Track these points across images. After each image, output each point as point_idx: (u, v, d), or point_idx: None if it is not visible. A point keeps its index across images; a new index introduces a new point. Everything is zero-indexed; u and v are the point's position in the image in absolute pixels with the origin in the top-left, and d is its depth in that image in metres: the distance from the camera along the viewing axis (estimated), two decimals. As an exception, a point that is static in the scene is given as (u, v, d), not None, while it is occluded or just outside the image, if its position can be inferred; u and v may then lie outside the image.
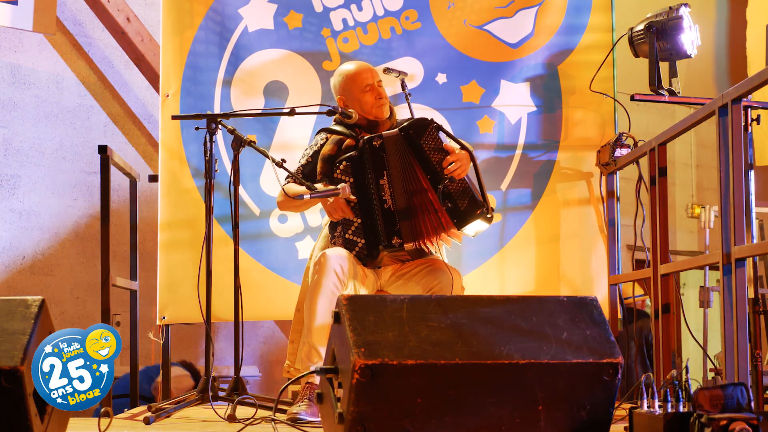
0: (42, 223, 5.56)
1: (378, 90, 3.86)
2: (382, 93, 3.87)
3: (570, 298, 2.78)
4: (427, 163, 3.67)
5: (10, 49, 5.53)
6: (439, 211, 3.65)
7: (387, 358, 2.50)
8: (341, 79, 3.91)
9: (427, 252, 3.73)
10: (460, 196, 3.68)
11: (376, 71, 3.94)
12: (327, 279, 3.53)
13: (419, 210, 3.66)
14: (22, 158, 5.50)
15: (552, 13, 4.93)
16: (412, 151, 3.67)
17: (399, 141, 3.68)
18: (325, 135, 3.90)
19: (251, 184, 4.79)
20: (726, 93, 3.52)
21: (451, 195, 3.66)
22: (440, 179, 3.64)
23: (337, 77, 3.94)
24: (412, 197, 3.66)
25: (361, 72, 3.88)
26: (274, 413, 3.21)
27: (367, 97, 3.85)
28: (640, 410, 2.74)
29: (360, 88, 3.85)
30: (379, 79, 3.90)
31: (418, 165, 3.66)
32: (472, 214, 3.67)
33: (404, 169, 3.67)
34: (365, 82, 3.85)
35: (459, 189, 3.68)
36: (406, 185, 3.67)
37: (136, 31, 5.70)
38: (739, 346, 3.41)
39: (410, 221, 3.64)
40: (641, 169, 4.58)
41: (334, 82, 3.94)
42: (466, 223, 3.68)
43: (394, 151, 3.67)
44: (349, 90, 3.88)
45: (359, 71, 3.89)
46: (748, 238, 3.75)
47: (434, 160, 3.67)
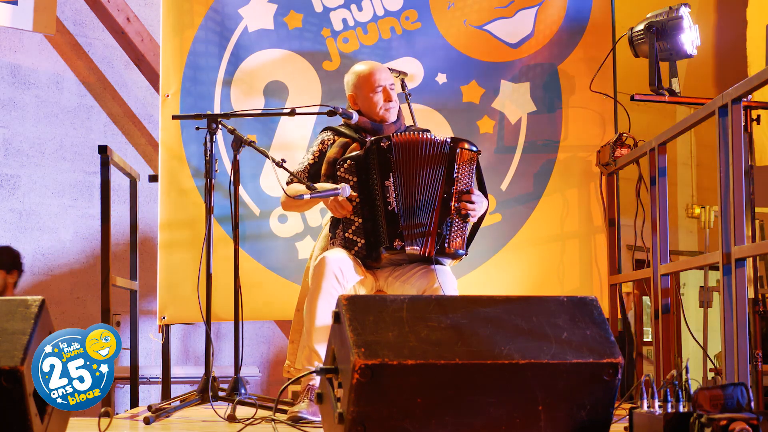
0: (42, 223, 5.56)
1: (389, 92, 3.86)
2: (392, 96, 3.87)
3: (570, 298, 2.78)
4: (451, 185, 3.65)
5: (10, 49, 5.53)
6: (432, 234, 3.63)
7: (387, 358, 2.50)
8: (355, 77, 3.91)
9: (427, 257, 3.69)
10: (457, 233, 3.67)
11: (390, 75, 3.94)
12: (326, 282, 3.52)
13: (423, 219, 3.63)
14: (22, 158, 5.50)
15: (552, 13, 4.93)
16: (446, 165, 3.66)
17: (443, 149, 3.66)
18: (332, 135, 3.89)
19: (251, 184, 4.79)
20: (726, 93, 3.52)
21: (451, 226, 3.66)
22: (450, 205, 3.64)
23: (351, 75, 3.93)
24: (421, 205, 3.63)
25: (374, 72, 3.88)
26: (274, 413, 3.21)
27: (378, 98, 3.85)
28: (640, 410, 2.74)
29: (372, 88, 3.85)
30: (392, 83, 3.90)
31: (444, 180, 3.65)
32: (455, 256, 3.69)
33: (426, 176, 3.64)
34: (378, 83, 3.85)
35: (459, 226, 3.67)
36: (419, 192, 3.63)
37: (136, 31, 5.70)
38: (739, 346, 3.41)
39: (414, 226, 3.61)
40: (641, 169, 4.58)
41: (348, 80, 3.94)
42: (446, 257, 3.68)
43: (413, 156, 3.65)
44: (361, 88, 3.87)
45: (373, 71, 3.89)
46: (748, 238, 3.75)
47: (457, 188, 3.66)
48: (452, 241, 3.64)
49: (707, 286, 6.80)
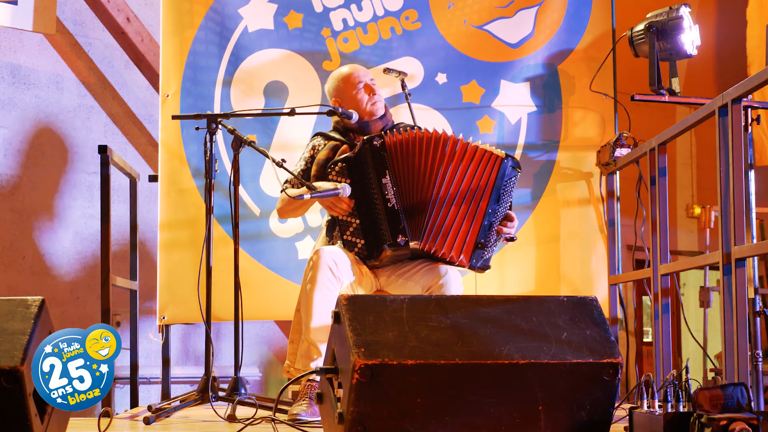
0: (42, 223, 5.56)
1: (371, 87, 3.88)
2: (375, 90, 3.88)
3: (570, 298, 2.78)
4: (495, 202, 3.63)
5: (10, 49, 5.53)
6: (467, 241, 3.62)
7: (387, 358, 2.50)
8: (335, 83, 3.93)
9: (432, 253, 3.67)
10: (491, 244, 3.67)
11: (368, 71, 3.96)
12: (321, 274, 3.52)
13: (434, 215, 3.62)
14: (22, 158, 5.50)
15: (552, 13, 4.94)
16: (493, 184, 3.66)
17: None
18: (322, 140, 3.90)
19: (251, 184, 4.79)
20: (726, 93, 3.52)
21: (489, 239, 3.66)
22: (492, 221, 3.65)
23: (330, 81, 3.96)
24: (432, 201, 3.62)
25: (353, 71, 3.92)
26: (274, 413, 3.21)
27: (362, 95, 3.86)
28: (640, 410, 2.74)
29: (353, 87, 3.87)
30: (372, 78, 3.92)
31: (489, 195, 3.63)
32: (484, 267, 3.68)
33: (449, 176, 3.62)
34: (358, 79, 3.87)
35: (494, 243, 3.69)
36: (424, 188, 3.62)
37: (136, 31, 5.70)
38: (739, 346, 3.41)
39: (417, 220, 3.59)
40: (641, 169, 4.58)
41: (329, 87, 3.95)
42: (475, 267, 3.67)
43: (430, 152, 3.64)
44: (343, 90, 3.89)
45: (351, 70, 3.93)
46: (748, 238, 3.75)
47: (501, 207, 3.66)
48: (484, 256, 3.66)
49: (707, 286, 6.80)
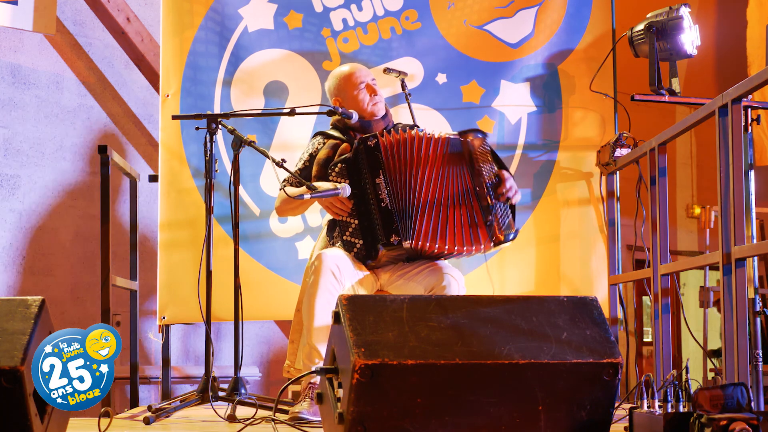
0: (42, 223, 5.55)
1: (372, 87, 3.87)
2: (377, 90, 3.88)
3: (570, 298, 2.78)
4: (479, 176, 3.64)
5: (10, 49, 5.53)
6: (478, 224, 3.61)
7: (387, 358, 2.50)
8: (336, 81, 3.92)
9: (428, 253, 3.68)
10: (502, 213, 3.66)
11: (369, 70, 3.95)
12: (324, 279, 3.52)
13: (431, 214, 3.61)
14: (22, 158, 5.50)
15: (552, 13, 4.94)
16: (467, 161, 3.66)
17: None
18: (322, 139, 3.90)
19: (251, 184, 4.79)
20: (726, 93, 3.52)
21: (497, 213, 3.65)
22: (486, 195, 3.64)
23: (331, 80, 3.95)
24: (428, 201, 3.62)
25: (354, 71, 3.91)
26: (274, 413, 3.21)
27: (363, 95, 3.86)
28: (640, 410, 2.74)
29: (355, 87, 3.86)
30: (373, 78, 3.91)
31: (469, 176, 3.64)
32: (507, 239, 3.66)
33: (437, 173, 3.62)
34: (360, 80, 3.87)
35: (504, 211, 3.67)
36: (419, 188, 3.62)
37: (136, 31, 5.70)
38: (739, 346, 3.41)
39: (411, 220, 3.59)
40: (641, 169, 4.58)
41: (329, 85, 3.95)
42: (502, 242, 3.65)
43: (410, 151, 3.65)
44: (344, 90, 3.88)
45: (353, 70, 3.92)
46: (748, 238, 3.75)
47: (485, 178, 3.66)
48: (501, 227, 3.64)
49: (707, 286, 6.80)
